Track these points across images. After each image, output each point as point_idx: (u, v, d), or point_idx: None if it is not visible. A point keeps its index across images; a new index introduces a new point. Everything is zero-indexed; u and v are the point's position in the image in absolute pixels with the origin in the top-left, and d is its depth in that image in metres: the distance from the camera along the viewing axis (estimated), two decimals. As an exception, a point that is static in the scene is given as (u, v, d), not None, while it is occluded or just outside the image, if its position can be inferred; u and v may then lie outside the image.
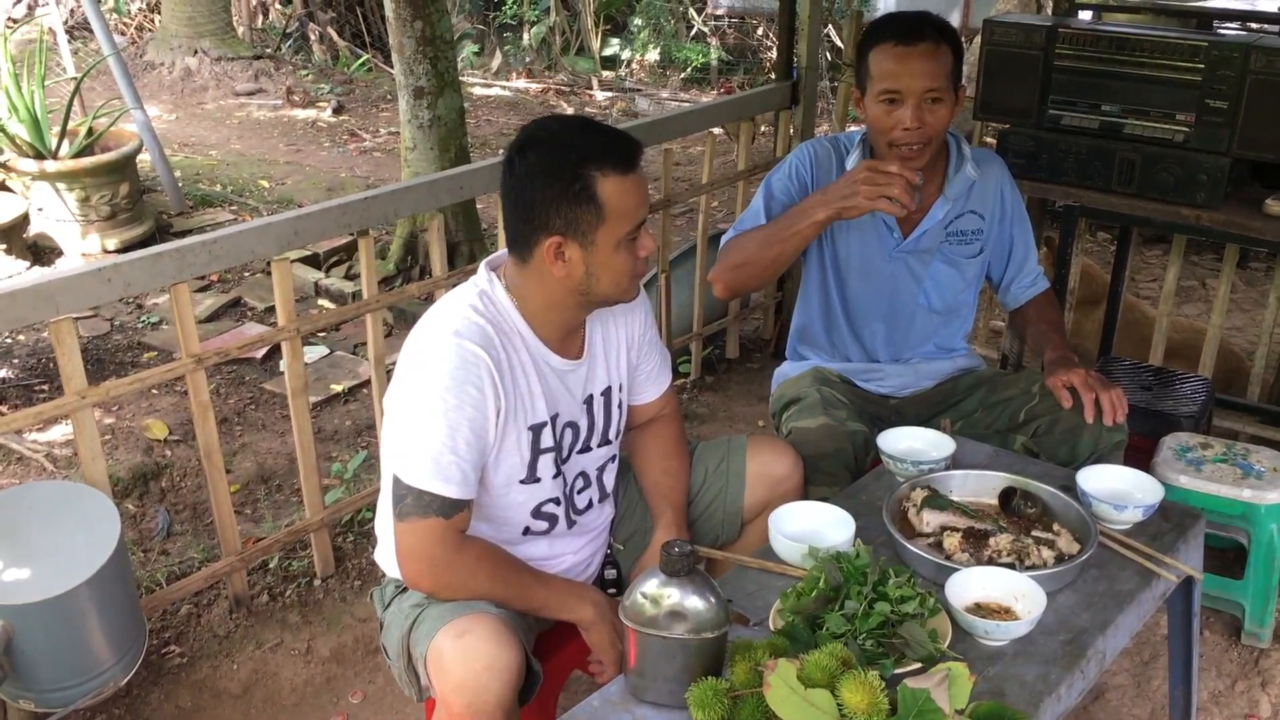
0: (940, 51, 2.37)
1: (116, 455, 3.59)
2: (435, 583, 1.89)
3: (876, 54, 2.40)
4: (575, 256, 1.87)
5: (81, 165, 5.08)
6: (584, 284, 1.90)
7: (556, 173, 1.83)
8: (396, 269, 4.91)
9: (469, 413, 1.84)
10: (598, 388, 2.08)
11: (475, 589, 1.89)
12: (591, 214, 1.83)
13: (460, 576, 1.88)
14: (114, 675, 2.36)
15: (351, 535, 3.18)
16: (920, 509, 2.04)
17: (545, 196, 1.84)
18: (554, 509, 2.05)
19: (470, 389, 1.84)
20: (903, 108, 2.37)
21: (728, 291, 2.52)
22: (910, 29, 2.38)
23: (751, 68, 9.58)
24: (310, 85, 8.89)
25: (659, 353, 2.25)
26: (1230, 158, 2.84)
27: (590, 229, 1.84)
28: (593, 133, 1.88)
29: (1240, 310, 4.75)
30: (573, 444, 2.05)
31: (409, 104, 4.60)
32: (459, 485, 1.84)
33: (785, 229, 2.39)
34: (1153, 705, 2.64)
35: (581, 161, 1.82)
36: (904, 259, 2.60)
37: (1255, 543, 2.71)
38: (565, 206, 1.83)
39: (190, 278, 2.56)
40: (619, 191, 1.84)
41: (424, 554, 1.86)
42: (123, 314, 4.68)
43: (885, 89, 2.38)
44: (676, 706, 1.60)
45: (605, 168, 1.83)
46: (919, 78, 2.35)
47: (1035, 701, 1.66)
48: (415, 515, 1.84)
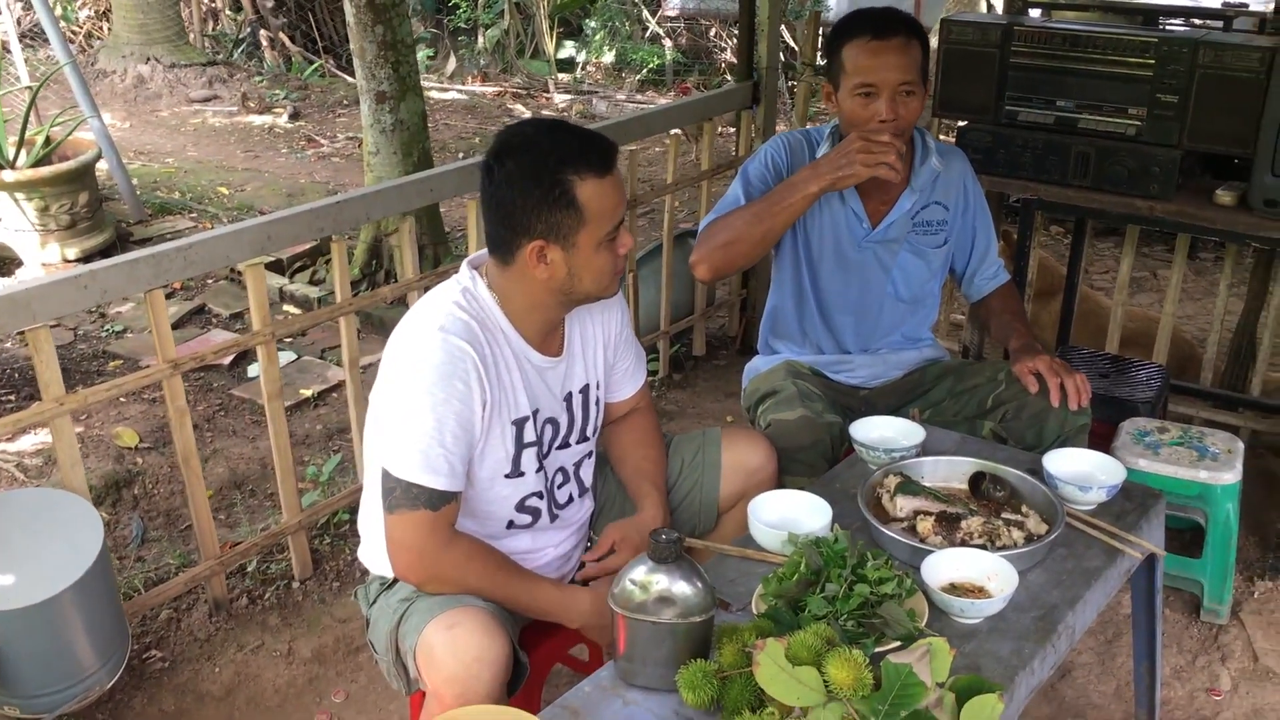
0: (911, 45, 2.45)
1: (88, 464, 3.57)
2: (425, 574, 1.92)
3: (851, 49, 2.46)
4: (558, 259, 1.91)
5: (40, 175, 5.04)
6: (566, 284, 1.94)
7: (535, 178, 1.86)
8: (361, 274, 4.91)
9: (456, 406, 1.87)
10: (576, 385, 2.13)
11: (465, 584, 1.92)
12: (572, 218, 1.88)
13: (450, 570, 1.91)
14: (98, 680, 2.38)
15: (328, 537, 3.20)
16: (894, 495, 2.10)
17: (526, 203, 1.87)
18: (537, 503, 2.09)
19: (457, 383, 1.87)
20: (878, 100, 2.43)
21: (712, 273, 2.53)
22: (884, 24, 2.44)
23: (706, 68, 9.64)
24: (265, 91, 8.84)
25: (634, 351, 2.30)
26: (1181, 150, 2.93)
27: (572, 232, 1.89)
28: (568, 136, 1.92)
29: (1190, 299, 4.87)
30: (553, 440, 2.10)
31: (371, 109, 4.61)
32: (447, 477, 1.88)
33: (776, 203, 2.43)
34: (1117, 682, 2.72)
35: (560, 166, 1.86)
36: (873, 249, 2.66)
37: (1212, 522, 2.80)
38: (546, 211, 1.87)
39: (166, 284, 2.58)
40: (598, 193, 1.88)
41: (413, 545, 1.89)
42: (86, 324, 4.65)
43: (861, 82, 2.44)
44: (667, 689, 1.65)
45: (583, 171, 1.86)
46: (894, 71, 2.42)
47: (1010, 675, 1.72)
48: (404, 507, 1.87)
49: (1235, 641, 2.83)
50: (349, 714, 2.67)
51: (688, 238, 4.21)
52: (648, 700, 1.66)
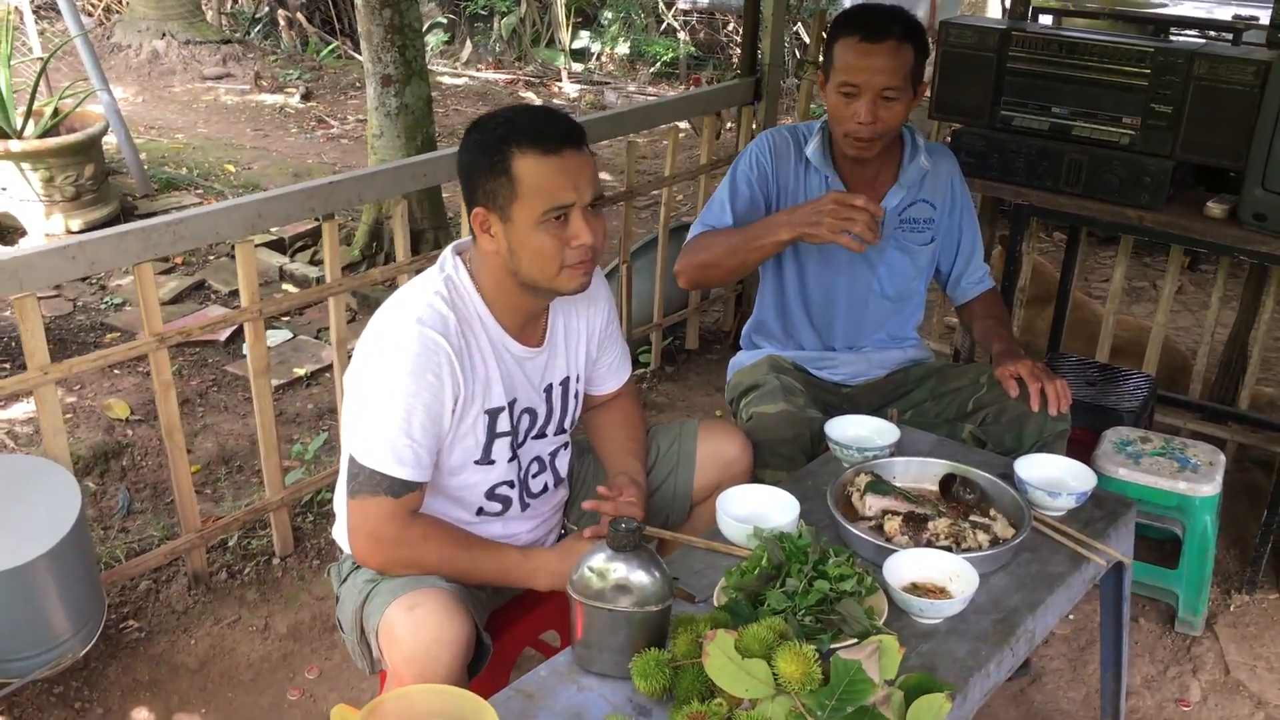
0: (902, 50, 2.43)
1: (78, 434, 3.61)
2: (383, 558, 1.94)
3: (841, 46, 2.47)
4: (498, 231, 1.92)
5: (46, 145, 5.07)
6: (510, 261, 1.94)
7: (482, 147, 1.91)
8: (361, 255, 4.94)
9: (425, 398, 1.89)
10: (557, 377, 2.14)
11: (424, 564, 1.94)
12: (506, 188, 1.88)
13: (407, 552, 1.93)
14: (72, 647, 2.40)
15: (311, 515, 3.22)
16: (863, 493, 2.11)
17: (471, 168, 1.93)
18: (508, 491, 2.10)
19: (429, 376, 1.89)
20: (859, 101, 2.44)
21: (690, 285, 2.68)
22: (877, 26, 2.43)
23: (720, 63, 9.64)
24: (279, 71, 8.87)
25: (619, 346, 2.31)
26: (1173, 161, 2.93)
27: (506, 203, 1.89)
28: (528, 116, 1.93)
29: (1189, 311, 4.86)
30: (529, 429, 2.11)
31: (376, 91, 4.63)
32: (411, 468, 1.90)
33: (750, 241, 2.46)
34: (1087, 689, 2.72)
35: (505, 138, 1.89)
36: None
37: (1190, 534, 2.80)
38: (485, 178, 1.90)
39: (154, 257, 2.59)
40: (536, 170, 1.87)
41: (372, 530, 1.91)
42: (86, 295, 4.68)
43: (844, 81, 2.45)
44: (621, 677, 1.66)
45: (525, 145, 1.87)
46: (877, 74, 2.42)
47: (965, 676, 1.73)
48: (366, 493, 1.90)
49: (1208, 653, 2.84)
50: (322, 690, 2.69)
51: (685, 231, 4.22)
52: (602, 687, 1.68)
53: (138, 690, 2.65)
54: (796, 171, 2.64)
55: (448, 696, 1.49)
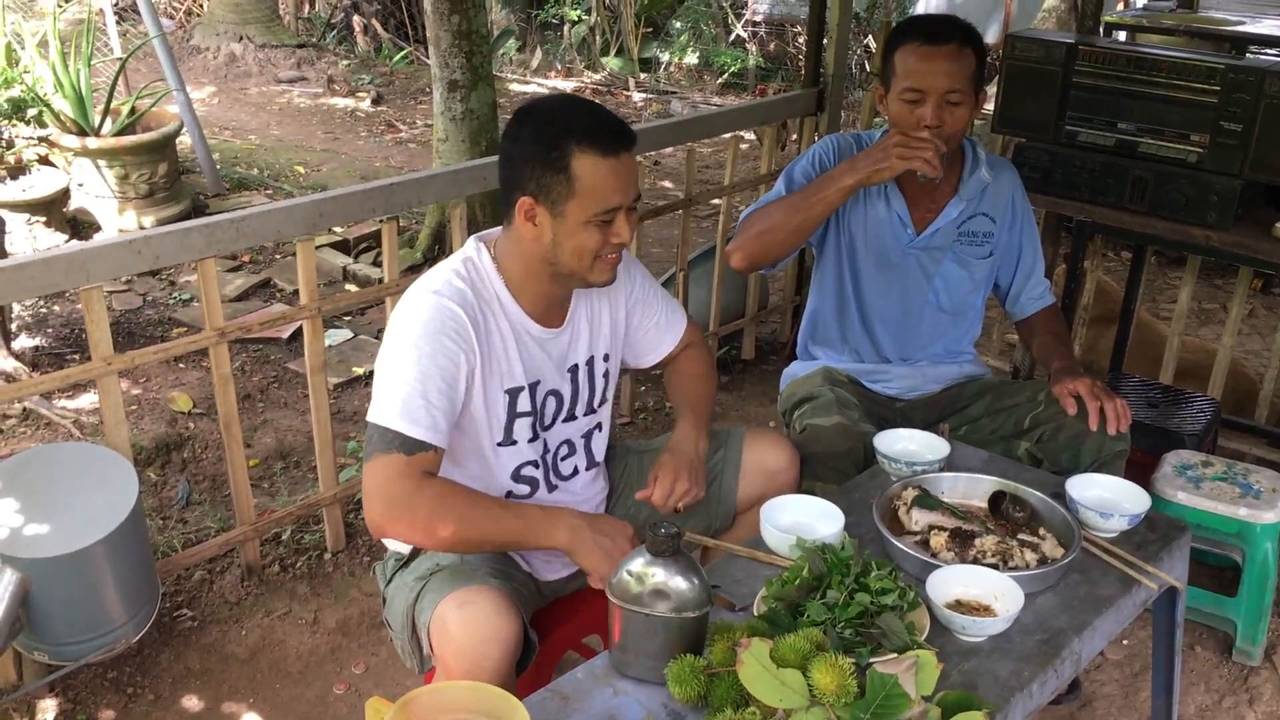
0: (964, 54, 2.43)
1: (142, 425, 3.69)
2: (397, 522, 1.87)
3: (902, 53, 2.46)
4: (544, 222, 1.94)
5: (122, 143, 5.20)
6: (550, 252, 1.96)
7: (538, 138, 1.92)
8: (424, 257, 4.99)
9: (441, 361, 1.90)
10: (582, 357, 2.15)
11: (441, 528, 1.87)
12: (563, 184, 1.90)
13: (423, 515, 1.86)
14: (126, 633, 2.44)
15: (363, 512, 3.24)
16: (910, 508, 2.09)
17: (525, 156, 1.93)
18: (533, 472, 2.11)
19: (444, 339, 1.91)
20: (924, 106, 2.43)
21: (746, 261, 2.52)
22: (936, 29, 2.44)
23: (789, 74, 9.61)
24: (351, 75, 9.00)
25: (661, 305, 2.29)
26: (1242, 180, 2.87)
27: (560, 199, 1.91)
28: (583, 111, 1.96)
29: (1258, 335, 4.75)
30: (556, 412, 2.12)
31: (443, 96, 4.68)
32: (426, 428, 1.87)
33: (812, 194, 2.43)
34: (1139, 716, 2.67)
35: (564, 133, 1.90)
36: (916, 255, 2.65)
37: (1250, 561, 2.74)
38: (540, 170, 1.91)
39: (217, 253, 2.65)
40: (594, 171, 1.90)
41: (382, 491, 1.86)
42: (155, 290, 4.79)
43: (909, 87, 2.44)
44: (657, 682, 1.66)
45: (585, 144, 1.89)
46: (941, 77, 2.41)
47: (1007, 696, 1.70)
48: (378, 452, 1.86)
49: (1266, 684, 2.77)
50: (367, 685, 2.72)
51: (744, 241, 4.21)
52: (638, 691, 1.68)
53: (188, 678, 2.70)
54: None
55: (482, 694, 1.50)
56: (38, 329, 4.31)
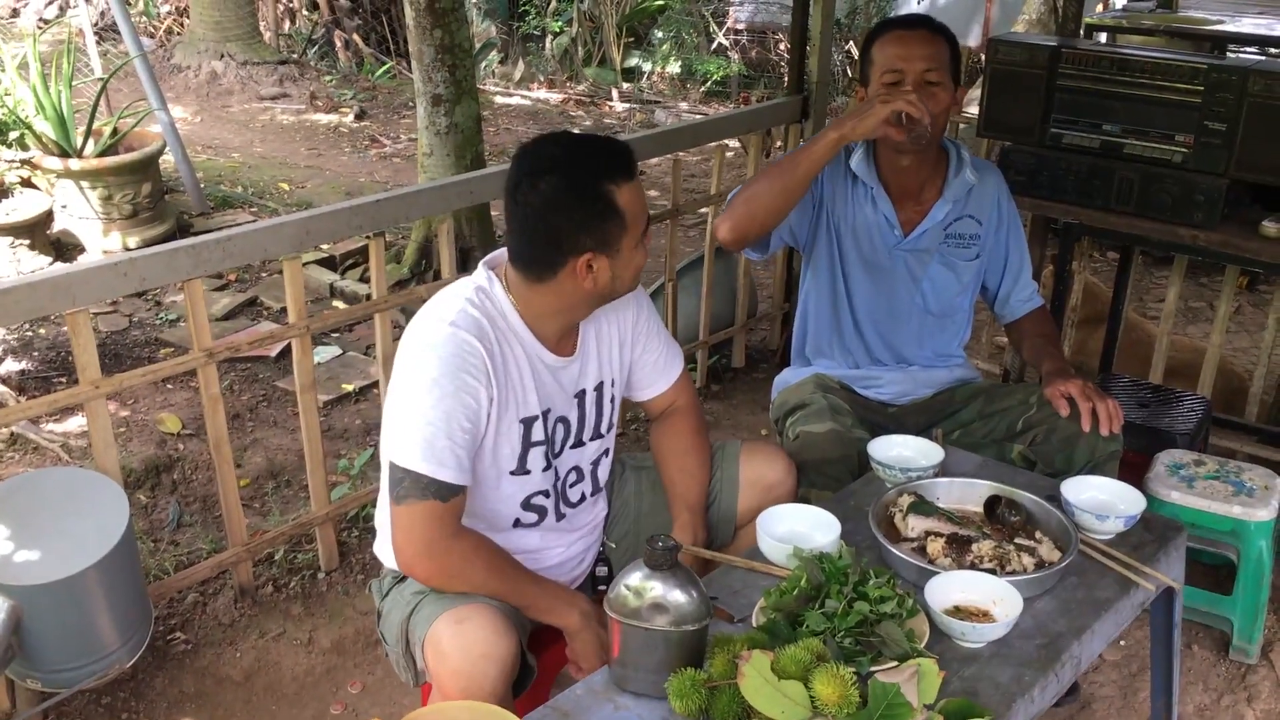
0: (937, 40, 2.51)
1: (130, 447, 3.66)
2: (431, 566, 1.92)
3: (878, 45, 2.55)
4: (603, 267, 1.95)
5: (105, 164, 5.17)
6: (608, 289, 1.99)
7: (579, 196, 1.90)
8: (410, 272, 4.98)
9: (464, 399, 1.90)
10: (590, 383, 2.14)
11: (471, 578, 1.93)
12: (617, 225, 1.93)
13: (456, 563, 1.92)
14: (119, 658, 2.43)
15: (356, 530, 3.24)
16: (906, 514, 2.08)
17: (573, 220, 1.91)
18: (543, 501, 2.10)
19: (465, 377, 1.90)
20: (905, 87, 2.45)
21: (734, 232, 2.45)
22: (908, 20, 2.58)
23: (772, 82, 9.63)
24: (334, 91, 8.99)
25: (663, 344, 2.29)
26: (1228, 179, 2.88)
27: (617, 239, 1.94)
28: (592, 147, 1.97)
29: (1246, 332, 4.77)
30: (565, 439, 2.11)
31: (427, 111, 4.67)
32: (454, 470, 1.90)
33: (798, 154, 2.42)
34: (1138, 717, 2.67)
35: (599, 179, 1.91)
36: (903, 257, 2.65)
37: (1244, 559, 2.74)
38: (596, 225, 1.92)
39: (204, 274, 2.63)
40: (633, 197, 1.95)
41: (421, 536, 1.90)
42: (141, 311, 4.76)
43: (887, 70, 2.49)
44: (657, 696, 1.65)
45: (618, 178, 1.93)
46: (917, 60, 2.47)
47: (1008, 702, 1.70)
48: (413, 498, 1.89)
49: (1264, 682, 2.77)
50: (364, 705, 2.70)
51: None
52: (638, 706, 1.67)
53: (183, 702, 2.67)
54: (844, 180, 2.64)
55: (481, 714, 1.49)
56: (23, 353, 4.29)
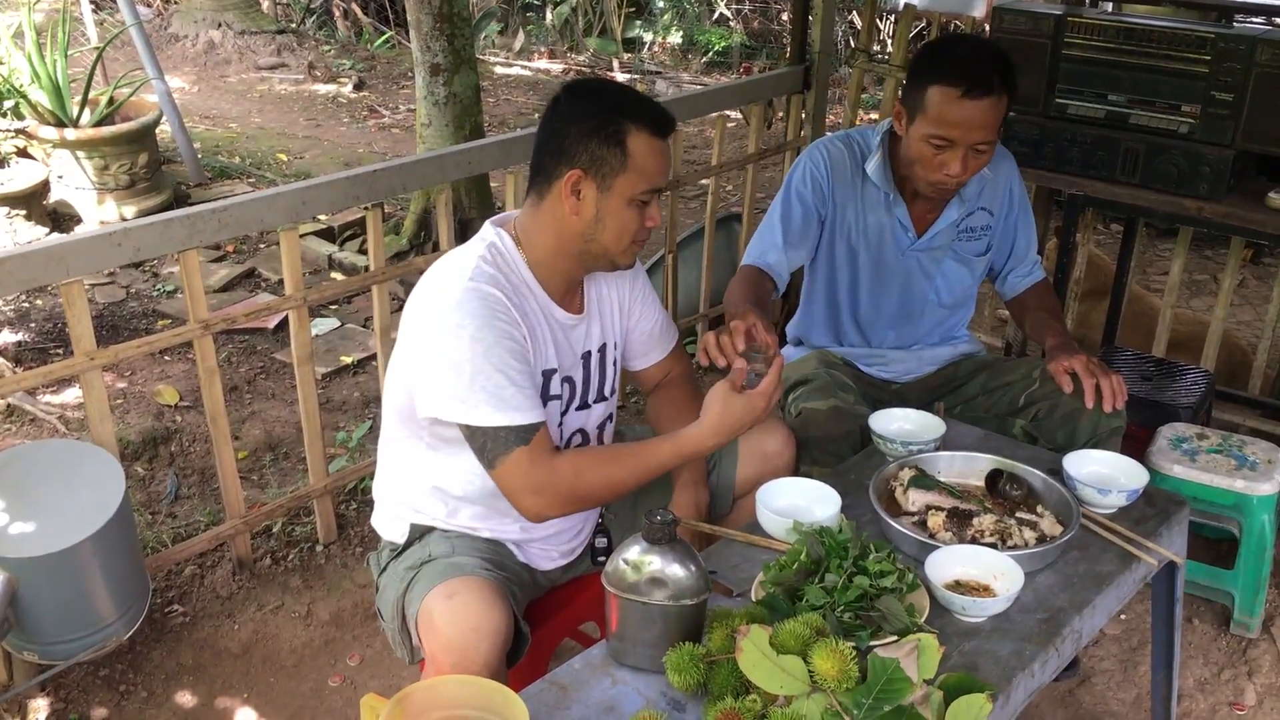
0: (1001, 103, 2.35)
1: (128, 419, 3.65)
2: (553, 502, 1.90)
3: (938, 95, 2.34)
4: (590, 196, 1.93)
5: (101, 134, 5.13)
6: (590, 229, 1.95)
7: (594, 111, 1.92)
8: (410, 244, 4.95)
9: (508, 344, 1.88)
10: (594, 344, 2.13)
11: (596, 486, 1.92)
12: (616, 158, 1.90)
13: (571, 483, 1.89)
14: (116, 631, 2.42)
15: (354, 503, 3.23)
16: (907, 488, 2.07)
17: (579, 130, 1.91)
18: None
19: (500, 324, 1.89)
20: (950, 153, 2.37)
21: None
22: (979, 78, 2.31)
23: (773, 52, 9.56)
24: (332, 61, 8.93)
25: (658, 316, 2.28)
26: (1234, 150, 2.85)
27: (611, 173, 1.91)
28: (637, 94, 2.00)
29: (1250, 305, 4.75)
30: (570, 399, 2.10)
31: (425, 80, 4.63)
32: (527, 410, 1.87)
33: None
34: (1138, 690, 2.66)
35: (620, 109, 1.92)
36: (917, 257, 2.62)
37: (1246, 533, 2.73)
38: (594, 143, 1.90)
39: (200, 244, 2.61)
40: (646, 149, 1.92)
41: (525, 485, 1.88)
42: (139, 282, 4.74)
43: (939, 135, 2.36)
44: (655, 670, 1.64)
45: (640, 122, 1.91)
46: (976, 130, 2.34)
47: (1008, 676, 1.69)
48: (500, 454, 1.86)
49: (1264, 656, 2.76)
50: (363, 678, 2.70)
51: (732, 221, 4.18)
52: (636, 680, 1.66)
53: (181, 674, 2.67)
54: (854, 185, 2.58)
55: (478, 688, 1.48)
56: (20, 324, 4.27)
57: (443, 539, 2.04)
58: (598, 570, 2.08)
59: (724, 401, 1.92)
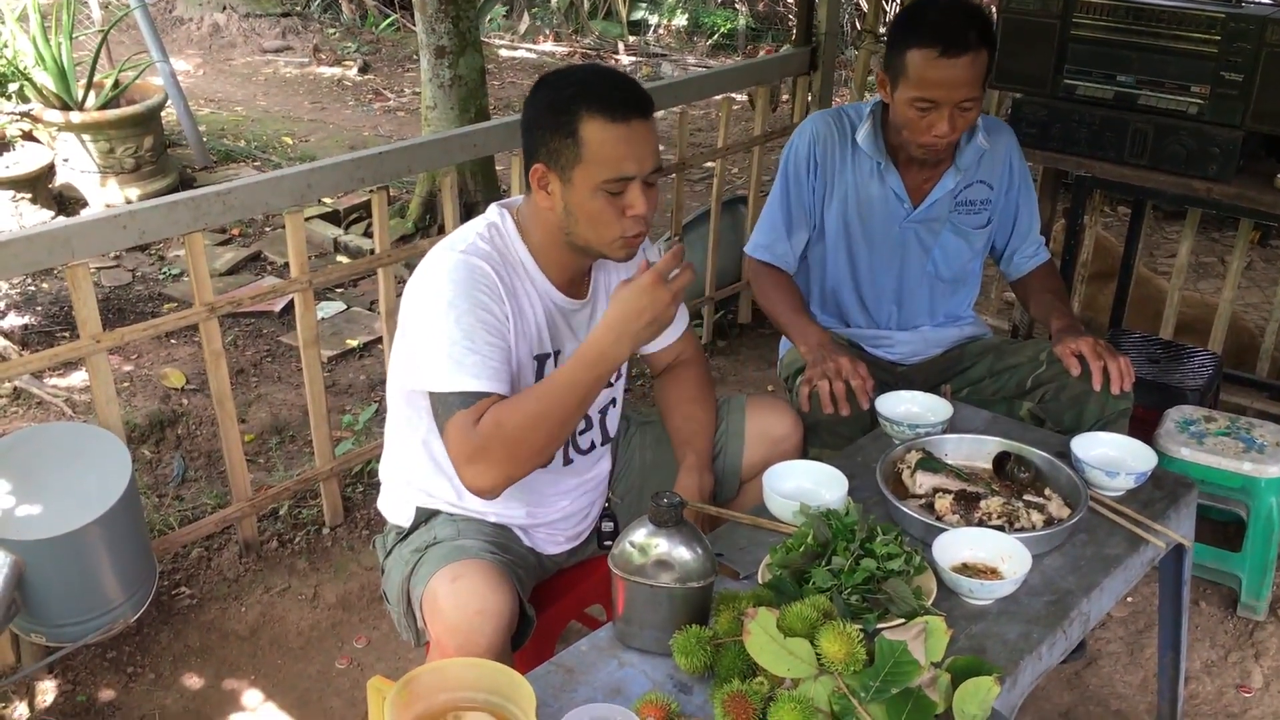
0: (980, 58, 2.33)
1: (135, 402, 3.65)
2: (486, 474, 1.80)
3: (917, 57, 2.33)
4: (555, 190, 1.90)
5: (106, 117, 5.13)
6: (564, 222, 1.92)
7: (550, 105, 1.88)
8: (415, 227, 4.94)
9: (482, 315, 1.86)
10: None
11: (528, 448, 1.80)
12: (570, 150, 1.86)
13: (498, 439, 1.78)
14: (124, 613, 2.42)
15: (361, 486, 3.23)
16: (914, 471, 2.06)
17: (537, 124, 1.90)
18: None
19: (480, 294, 1.87)
20: (936, 113, 2.36)
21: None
22: (954, 35, 2.30)
23: (779, 34, 9.51)
24: (337, 44, 8.90)
25: None
26: (1243, 131, 2.84)
27: (569, 165, 1.87)
28: (599, 77, 1.91)
29: (1258, 287, 4.73)
30: None
31: (430, 63, 4.61)
32: (476, 378, 1.82)
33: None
34: (1145, 673, 2.66)
35: (574, 99, 1.86)
36: (913, 229, 2.61)
37: (1254, 516, 2.72)
38: (550, 137, 1.87)
39: (204, 227, 2.60)
40: (602, 137, 1.84)
41: (460, 454, 1.81)
42: (145, 265, 4.74)
43: (922, 97, 2.35)
44: (662, 653, 1.64)
45: (594, 110, 1.84)
46: (959, 88, 2.33)
47: (1015, 659, 1.69)
48: (444, 422, 1.83)
49: (1271, 638, 2.76)
50: (370, 660, 2.70)
51: (738, 204, 4.17)
52: (643, 663, 1.66)
53: (188, 656, 2.68)
54: (844, 157, 2.58)
55: (484, 670, 1.48)
56: (26, 307, 4.27)
57: (448, 522, 2.04)
58: (604, 554, 2.08)
59: (615, 296, 1.82)
